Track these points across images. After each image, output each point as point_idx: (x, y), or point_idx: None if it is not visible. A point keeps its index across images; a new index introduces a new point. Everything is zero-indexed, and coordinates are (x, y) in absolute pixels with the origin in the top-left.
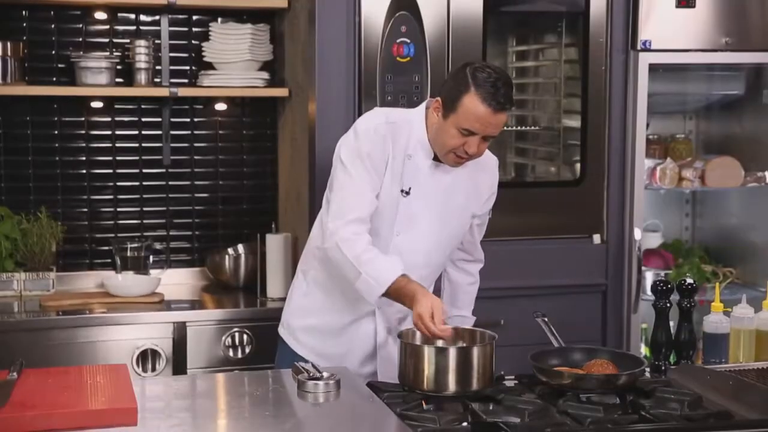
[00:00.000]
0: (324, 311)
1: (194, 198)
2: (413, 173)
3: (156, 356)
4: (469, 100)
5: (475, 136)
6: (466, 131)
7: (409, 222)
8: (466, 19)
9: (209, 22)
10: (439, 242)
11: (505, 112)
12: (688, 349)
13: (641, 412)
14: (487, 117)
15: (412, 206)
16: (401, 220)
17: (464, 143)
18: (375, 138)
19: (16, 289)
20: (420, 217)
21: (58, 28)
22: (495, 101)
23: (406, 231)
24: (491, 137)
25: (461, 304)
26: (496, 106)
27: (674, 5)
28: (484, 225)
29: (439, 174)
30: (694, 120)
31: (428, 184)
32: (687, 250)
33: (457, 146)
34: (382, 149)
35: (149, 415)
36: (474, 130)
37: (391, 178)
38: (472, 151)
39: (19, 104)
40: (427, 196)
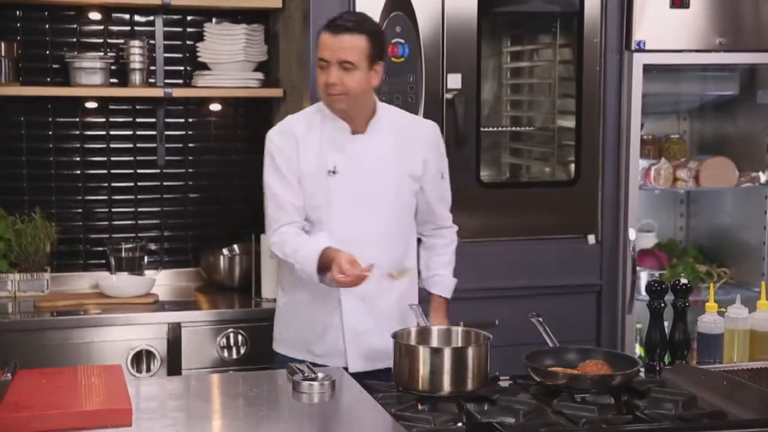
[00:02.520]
0: (301, 311)
1: (189, 198)
2: (334, 152)
3: (150, 357)
4: (319, 36)
5: (330, 65)
6: (321, 61)
7: (345, 199)
8: (461, 19)
9: (204, 22)
10: (385, 212)
11: (346, 34)
12: (682, 349)
13: (636, 412)
14: (327, 41)
15: (342, 183)
16: (337, 200)
17: (326, 77)
18: (276, 145)
19: (10, 289)
20: (351, 191)
21: (53, 28)
22: (333, 25)
23: (345, 209)
24: (349, 64)
25: (435, 263)
26: (333, 28)
27: (668, 6)
28: (441, 190)
29: (361, 146)
30: (689, 120)
31: (352, 159)
32: (681, 250)
33: (323, 83)
34: (287, 149)
35: (144, 416)
36: (323, 56)
37: (310, 165)
38: (331, 79)
39: (13, 104)
40: (354, 170)
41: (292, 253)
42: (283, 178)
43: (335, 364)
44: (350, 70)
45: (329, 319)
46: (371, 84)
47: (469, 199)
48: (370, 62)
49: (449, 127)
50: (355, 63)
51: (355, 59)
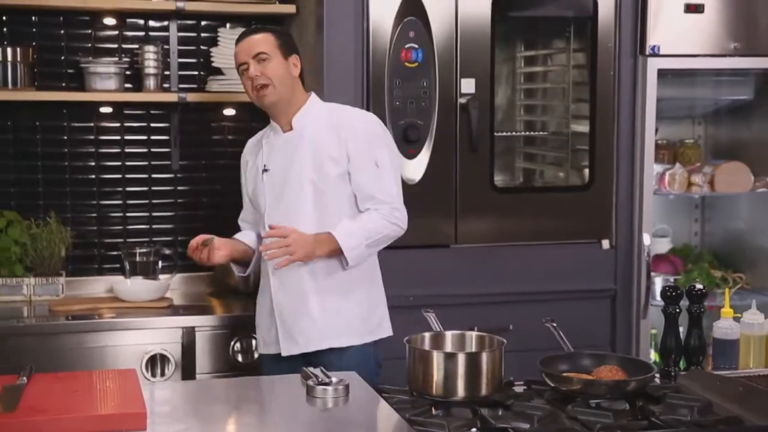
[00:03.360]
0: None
1: (203, 203)
2: (266, 152)
3: (165, 361)
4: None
5: (247, 64)
6: (240, 66)
7: (275, 193)
8: (474, 24)
9: (218, 27)
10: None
11: (251, 35)
12: (697, 354)
13: (651, 418)
14: (240, 46)
15: (273, 179)
16: (268, 195)
17: (248, 76)
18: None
19: (25, 293)
20: (283, 187)
21: (68, 33)
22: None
23: (277, 203)
24: (262, 55)
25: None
26: (242, 35)
27: (683, 10)
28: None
29: (287, 144)
30: (703, 125)
31: (280, 155)
32: (696, 255)
33: (248, 84)
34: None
35: (158, 420)
36: (239, 60)
37: (252, 170)
38: (252, 72)
39: (28, 109)
40: (279, 164)
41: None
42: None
43: (272, 351)
44: (266, 60)
45: (266, 308)
46: (292, 73)
47: (482, 204)
48: (282, 52)
49: (463, 132)
50: (269, 53)
51: (267, 49)
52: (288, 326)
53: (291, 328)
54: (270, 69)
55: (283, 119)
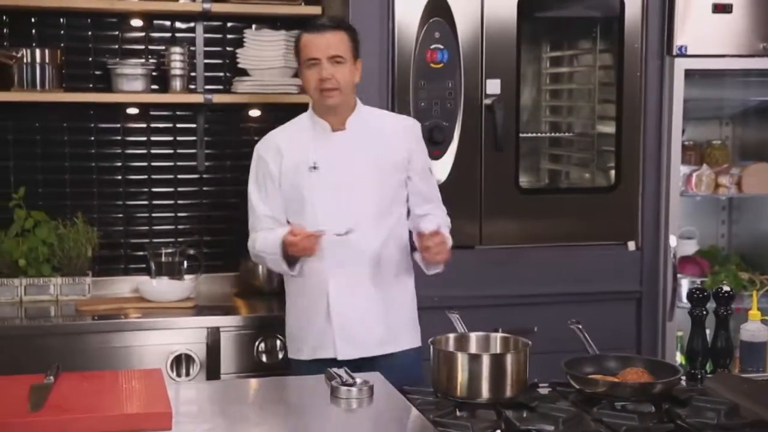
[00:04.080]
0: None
1: (228, 203)
2: (316, 149)
3: (190, 361)
4: (301, 39)
5: (321, 62)
6: (310, 61)
7: (329, 193)
8: (500, 24)
9: (243, 29)
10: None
11: (330, 31)
12: (724, 357)
13: (677, 421)
14: (315, 39)
15: (325, 178)
16: (318, 194)
17: (317, 74)
18: (258, 155)
19: (52, 293)
20: (336, 186)
21: (95, 35)
22: (315, 25)
23: (326, 202)
24: (339, 58)
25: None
26: (316, 27)
27: (711, 10)
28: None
29: (341, 141)
30: (731, 126)
31: (333, 154)
32: (723, 257)
33: (315, 79)
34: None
35: (183, 420)
36: (313, 55)
37: (293, 167)
38: (325, 74)
39: (56, 110)
40: (335, 164)
41: (261, 247)
42: (260, 189)
43: (325, 355)
44: (341, 63)
45: (319, 310)
46: (355, 80)
47: (508, 205)
48: (353, 56)
49: (488, 133)
50: (344, 56)
51: (343, 53)
52: (347, 330)
53: (350, 333)
54: (342, 74)
55: (337, 119)
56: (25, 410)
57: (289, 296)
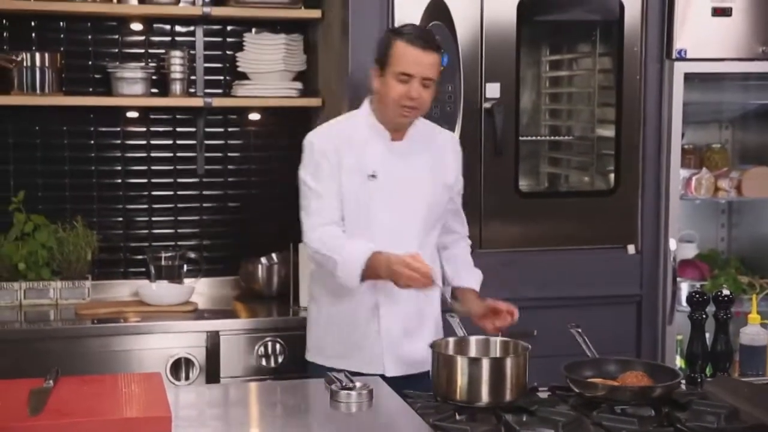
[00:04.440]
0: (339, 321)
1: (228, 207)
2: (375, 156)
3: (189, 365)
4: (397, 46)
5: (413, 80)
6: (404, 75)
7: (384, 202)
8: (500, 28)
9: (243, 32)
10: (421, 215)
11: (434, 52)
12: (724, 361)
13: (677, 424)
14: (417, 55)
15: (383, 188)
16: (376, 204)
17: (406, 90)
18: (317, 148)
19: (52, 297)
20: (392, 195)
21: (95, 39)
22: (420, 40)
23: (383, 211)
24: (429, 81)
25: (465, 275)
26: (422, 44)
27: (710, 14)
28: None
29: (400, 153)
30: (730, 129)
31: (393, 164)
32: (723, 260)
33: (400, 95)
34: (328, 152)
35: (183, 424)
36: (409, 71)
37: (351, 171)
38: (415, 95)
39: (56, 114)
40: (393, 175)
41: (337, 249)
42: (324, 180)
43: (372, 370)
44: (429, 86)
45: (367, 326)
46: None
47: (507, 209)
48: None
49: (488, 137)
50: (434, 80)
51: (435, 76)
52: (395, 348)
53: (398, 350)
54: (427, 97)
55: (394, 130)
56: (24, 414)
57: (323, 305)
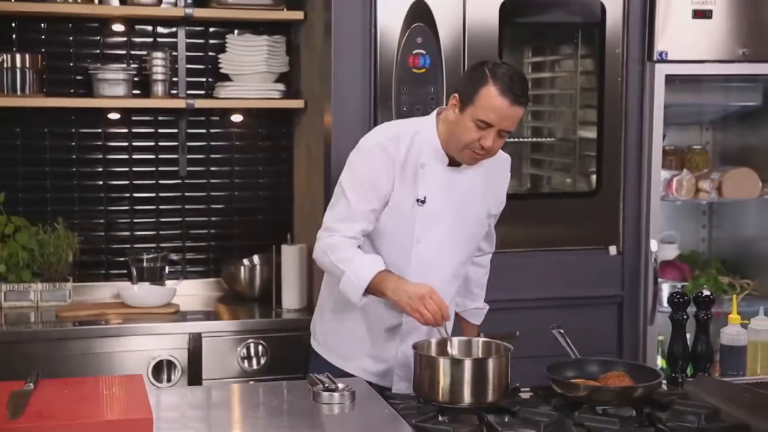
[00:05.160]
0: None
1: (210, 209)
2: (428, 181)
3: (171, 367)
4: (487, 92)
5: (491, 129)
6: (483, 123)
7: (428, 230)
8: (482, 30)
9: (226, 34)
10: (460, 246)
11: (522, 106)
12: (705, 361)
13: (658, 424)
14: (504, 108)
15: (429, 214)
16: (420, 229)
17: (480, 137)
18: (373, 158)
19: (32, 299)
20: (438, 224)
21: (76, 40)
22: (512, 93)
23: (426, 239)
24: (507, 132)
25: (476, 296)
26: (513, 98)
27: (691, 16)
28: (495, 221)
29: (454, 179)
30: (711, 131)
31: (444, 191)
32: (704, 261)
33: (473, 141)
34: (383, 167)
35: (164, 426)
36: (490, 121)
37: (402, 189)
38: (488, 144)
39: (37, 116)
40: (444, 203)
41: (344, 260)
42: (365, 194)
43: (378, 383)
44: (504, 137)
45: (386, 342)
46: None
47: None
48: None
49: None
50: (512, 132)
51: (514, 129)
52: (408, 370)
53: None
54: (499, 145)
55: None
56: (4, 417)
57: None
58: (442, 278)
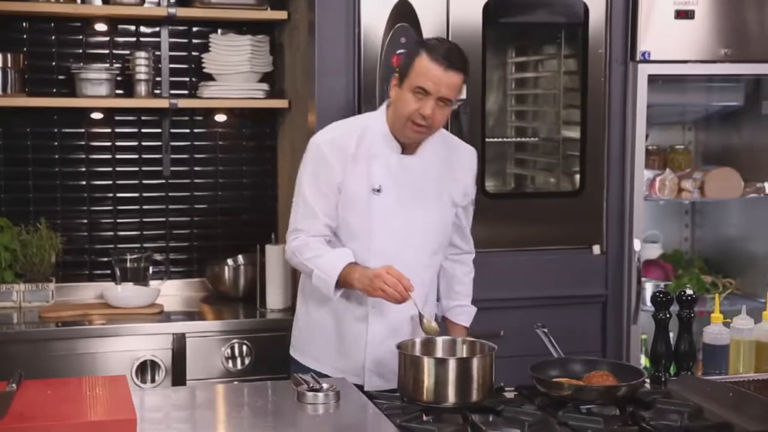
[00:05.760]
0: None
1: (194, 209)
2: (381, 170)
3: (155, 367)
4: (421, 60)
5: (430, 97)
6: (420, 90)
7: (387, 219)
8: (466, 30)
9: (209, 33)
10: (423, 234)
11: (457, 72)
12: (688, 360)
13: (641, 423)
14: (438, 74)
15: (386, 203)
16: (377, 219)
17: (420, 107)
18: (325, 154)
19: (15, 300)
20: (396, 213)
21: (59, 39)
22: (446, 59)
23: (386, 228)
24: (446, 101)
25: (458, 294)
26: (447, 64)
27: (673, 16)
28: (469, 215)
29: (408, 167)
30: (694, 131)
31: (398, 179)
32: (687, 261)
33: (413, 111)
34: (335, 161)
35: (148, 427)
36: (427, 87)
37: (357, 180)
38: (427, 113)
39: (19, 116)
40: (399, 191)
41: (313, 258)
42: (320, 189)
43: (353, 380)
44: (444, 106)
45: (354, 336)
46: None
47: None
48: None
49: None
50: (451, 100)
51: (452, 97)
52: (380, 366)
53: (383, 369)
54: (441, 116)
55: (411, 145)
56: None
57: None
58: (409, 268)
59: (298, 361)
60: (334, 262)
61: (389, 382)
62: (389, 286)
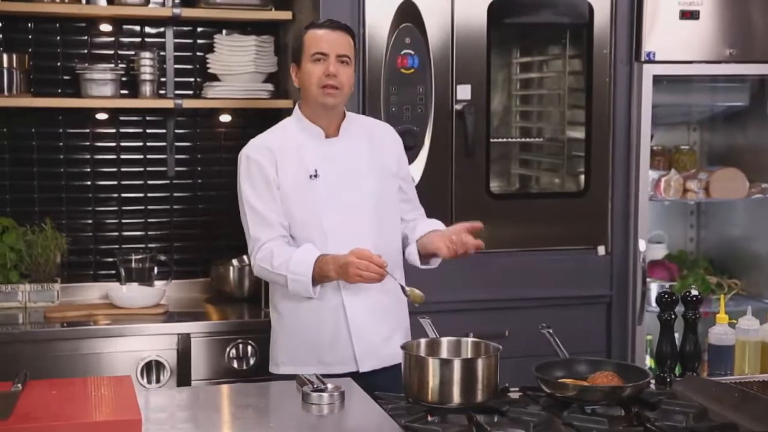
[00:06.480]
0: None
1: (198, 209)
2: (314, 156)
3: (160, 368)
4: (308, 34)
5: (328, 58)
6: (318, 55)
7: (331, 200)
8: (470, 30)
9: (214, 34)
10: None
11: (343, 31)
12: (693, 360)
13: (646, 424)
14: (326, 36)
15: (326, 185)
16: (322, 202)
17: (324, 69)
18: (252, 160)
19: (20, 300)
20: (338, 192)
21: (64, 40)
22: (329, 23)
23: (332, 210)
24: (345, 58)
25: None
26: (329, 24)
27: (678, 17)
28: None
29: (336, 148)
30: (699, 131)
31: (331, 160)
32: (692, 261)
33: (320, 75)
34: (264, 163)
35: (153, 427)
36: (322, 50)
37: (291, 172)
38: (332, 69)
39: (24, 116)
40: (336, 173)
41: (282, 264)
42: (263, 194)
43: (346, 369)
44: (347, 64)
45: (335, 325)
46: (352, 85)
47: (478, 211)
48: (355, 60)
49: (459, 138)
50: (351, 57)
51: (350, 54)
52: (367, 344)
53: (370, 346)
54: (347, 74)
55: (332, 124)
56: None
57: (286, 312)
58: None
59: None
60: (303, 258)
61: (382, 360)
62: (363, 270)
